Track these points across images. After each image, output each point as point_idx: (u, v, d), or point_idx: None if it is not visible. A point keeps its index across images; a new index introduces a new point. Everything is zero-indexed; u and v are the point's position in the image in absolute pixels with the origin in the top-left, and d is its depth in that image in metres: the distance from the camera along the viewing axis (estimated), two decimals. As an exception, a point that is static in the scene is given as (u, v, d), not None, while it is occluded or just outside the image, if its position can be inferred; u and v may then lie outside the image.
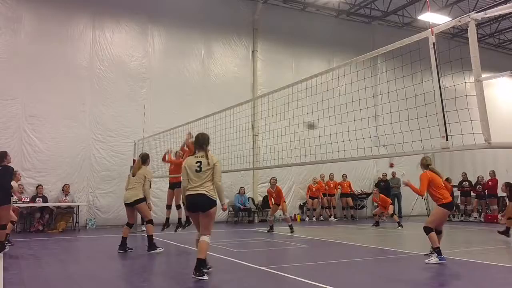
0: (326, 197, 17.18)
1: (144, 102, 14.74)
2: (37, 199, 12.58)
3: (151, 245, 8.48)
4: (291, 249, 9.40)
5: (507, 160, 16.88)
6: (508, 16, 18.93)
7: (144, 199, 8.51)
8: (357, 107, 6.49)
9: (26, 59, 13.41)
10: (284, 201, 12.62)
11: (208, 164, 5.99)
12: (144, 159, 8.92)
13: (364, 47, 16.29)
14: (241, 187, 15.83)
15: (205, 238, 5.98)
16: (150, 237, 8.53)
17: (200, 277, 5.78)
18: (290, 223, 12.28)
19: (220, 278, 6.18)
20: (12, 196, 8.89)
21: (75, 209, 13.19)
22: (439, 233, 7.45)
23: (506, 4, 4.16)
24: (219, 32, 16.65)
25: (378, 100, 7.78)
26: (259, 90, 16.55)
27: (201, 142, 6.17)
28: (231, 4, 16.94)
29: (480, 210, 16.59)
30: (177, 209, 10.44)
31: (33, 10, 13.79)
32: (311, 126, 8.53)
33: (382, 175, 18.24)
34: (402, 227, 13.46)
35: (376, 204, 15.89)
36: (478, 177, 16.49)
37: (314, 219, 16.94)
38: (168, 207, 10.74)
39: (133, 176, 8.61)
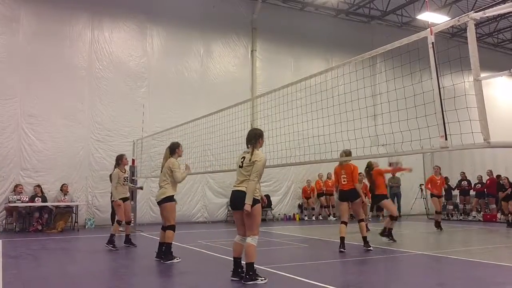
0: (324, 197, 17.19)
1: (143, 102, 14.74)
2: (36, 198, 12.57)
3: (167, 254, 7.34)
4: (291, 249, 9.40)
5: (506, 160, 16.92)
6: (507, 15, 18.95)
7: (170, 199, 7.48)
8: (356, 107, 6.49)
9: (24, 59, 13.40)
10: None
11: (250, 160, 5.66)
12: (172, 148, 7.72)
13: (363, 46, 16.23)
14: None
15: (249, 241, 5.52)
16: (167, 245, 7.41)
17: (250, 282, 5.40)
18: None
19: (219, 277, 6.18)
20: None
21: (74, 208, 13.19)
22: None
23: (504, 3, 4.16)
24: (218, 31, 16.65)
25: (377, 99, 7.79)
26: (258, 89, 16.55)
27: (249, 138, 5.93)
28: (230, 3, 16.93)
29: (479, 209, 16.61)
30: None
31: (32, 9, 13.77)
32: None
33: None
34: (441, 229, 12.12)
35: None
36: (477, 177, 16.53)
37: (313, 218, 16.96)
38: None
39: (161, 171, 7.78)
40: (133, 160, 13.17)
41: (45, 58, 13.68)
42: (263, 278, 5.52)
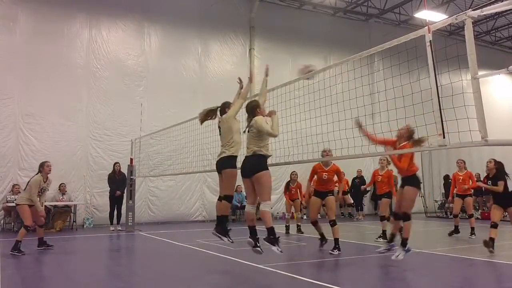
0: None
1: (141, 101, 14.69)
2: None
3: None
4: (289, 247, 9.40)
5: (504, 158, 16.89)
6: (504, 13, 18.97)
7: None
8: (354, 105, 6.49)
9: (22, 58, 13.36)
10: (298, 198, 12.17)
11: (251, 126, 6.07)
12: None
13: (361, 45, 16.26)
14: (238, 185, 15.80)
15: (262, 208, 5.75)
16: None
17: (268, 243, 5.59)
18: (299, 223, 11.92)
19: (218, 276, 6.19)
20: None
21: (72, 208, 13.17)
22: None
23: (502, 1, 4.17)
24: (216, 30, 16.63)
25: (375, 98, 7.76)
26: (256, 88, 16.50)
27: (248, 113, 6.25)
28: (228, 2, 16.91)
29: (477, 207, 16.63)
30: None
31: (29, 8, 13.73)
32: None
33: (357, 171, 17.93)
34: (474, 235, 10.24)
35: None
36: (475, 175, 16.53)
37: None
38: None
39: None
40: (131, 160, 13.16)
41: (43, 57, 13.64)
42: (279, 248, 5.60)
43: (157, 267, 7.02)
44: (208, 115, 6.89)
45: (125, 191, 12.84)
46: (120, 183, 12.80)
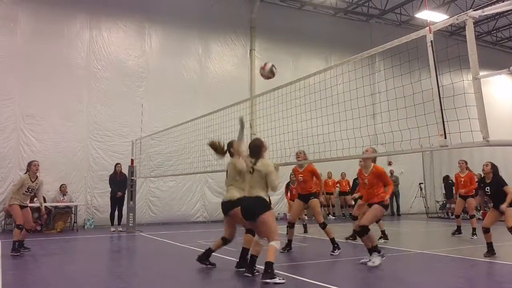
0: (324, 196, 17.17)
1: (142, 102, 14.69)
2: (35, 199, 12.52)
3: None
4: (290, 248, 9.37)
5: (505, 158, 16.91)
6: (506, 13, 18.94)
7: None
8: (355, 106, 6.48)
9: (22, 59, 13.36)
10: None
11: (255, 168, 6.00)
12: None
13: (362, 45, 16.24)
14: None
15: (272, 243, 5.72)
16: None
17: (269, 280, 5.43)
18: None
19: (218, 277, 6.17)
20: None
21: (73, 209, 13.17)
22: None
23: (503, 1, 4.16)
24: (216, 31, 16.63)
25: (376, 98, 7.78)
26: (257, 89, 16.52)
27: (252, 153, 6.08)
28: (229, 3, 16.90)
29: (479, 208, 16.60)
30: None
31: (30, 9, 13.74)
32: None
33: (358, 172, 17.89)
34: (476, 236, 10.16)
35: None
36: (476, 175, 16.50)
37: (313, 217, 16.93)
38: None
39: None
40: (131, 160, 13.15)
41: (43, 58, 13.64)
42: (281, 278, 5.53)
43: (158, 268, 7.01)
44: (215, 150, 7.07)
45: (126, 192, 12.83)
46: (121, 184, 12.79)
